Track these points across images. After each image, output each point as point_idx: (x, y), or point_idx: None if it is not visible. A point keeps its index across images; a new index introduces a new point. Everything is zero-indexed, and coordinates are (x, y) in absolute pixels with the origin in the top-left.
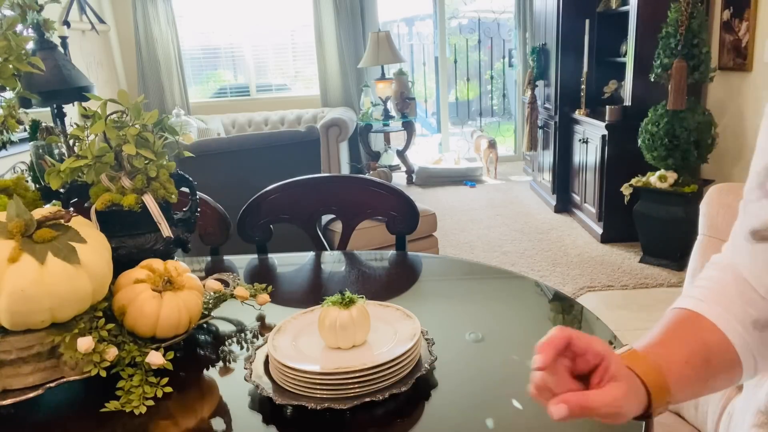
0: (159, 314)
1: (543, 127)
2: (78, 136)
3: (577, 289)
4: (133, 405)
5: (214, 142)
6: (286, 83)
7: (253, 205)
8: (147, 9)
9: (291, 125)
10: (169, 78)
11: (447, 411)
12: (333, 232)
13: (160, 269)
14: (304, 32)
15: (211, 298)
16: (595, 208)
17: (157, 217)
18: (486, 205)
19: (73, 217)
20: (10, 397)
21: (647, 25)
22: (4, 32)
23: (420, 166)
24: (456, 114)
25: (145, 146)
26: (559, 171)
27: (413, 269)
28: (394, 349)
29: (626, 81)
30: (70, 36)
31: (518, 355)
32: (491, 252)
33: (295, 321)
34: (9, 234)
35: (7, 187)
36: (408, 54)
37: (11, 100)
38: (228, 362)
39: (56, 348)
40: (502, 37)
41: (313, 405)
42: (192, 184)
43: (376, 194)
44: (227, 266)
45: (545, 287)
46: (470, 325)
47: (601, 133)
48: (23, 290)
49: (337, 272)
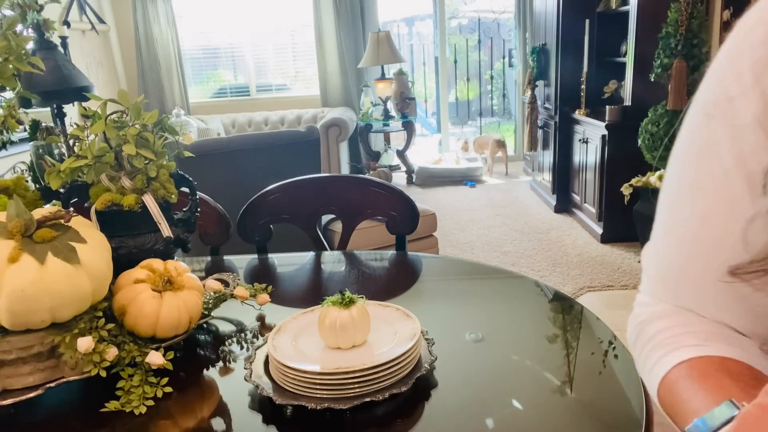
0: (159, 314)
1: (543, 127)
2: (78, 136)
3: (577, 289)
4: (133, 405)
5: (214, 142)
6: (286, 83)
7: (253, 205)
8: (147, 9)
9: (291, 125)
10: (169, 78)
11: (447, 411)
12: (333, 232)
13: (160, 269)
14: (304, 32)
15: (211, 298)
16: (595, 208)
17: (157, 217)
18: (486, 205)
19: (73, 217)
20: (10, 397)
21: (647, 25)
22: (4, 32)
23: (420, 166)
24: (456, 114)
25: (145, 146)
26: (559, 171)
27: (413, 269)
28: (394, 349)
29: (626, 81)
30: (70, 36)
31: (518, 355)
32: (491, 252)
33: (295, 321)
34: (9, 234)
35: (7, 187)
36: (408, 54)
37: (11, 100)
38: (228, 362)
39: (56, 348)
40: (502, 37)
41: (313, 405)
42: (192, 184)
43: (376, 194)
44: (227, 266)
45: (545, 287)
46: (470, 325)
47: (601, 133)
48: (23, 290)
49: (337, 272)
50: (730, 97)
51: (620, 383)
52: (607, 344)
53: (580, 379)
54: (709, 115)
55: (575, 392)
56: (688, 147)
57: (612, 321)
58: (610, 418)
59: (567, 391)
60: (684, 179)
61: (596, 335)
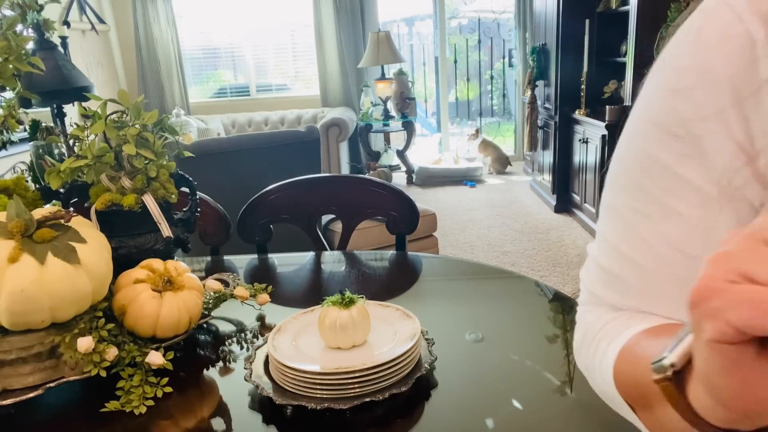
0: (159, 314)
1: (543, 127)
2: (78, 136)
3: (577, 289)
4: (133, 405)
5: (214, 142)
6: (286, 83)
7: (253, 205)
8: (147, 9)
9: (291, 125)
10: (169, 78)
11: (447, 411)
12: (333, 232)
13: (160, 269)
14: (304, 32)
15: (211, 298)
16: (595, 208)
17: (157, 217)
18: (486, 205)
19: (73, 217)
20: (10, 397)
21: (647, 25)
22: (4, 32)
23: (420, 166)
24: (456, 114)
25: (145, 146)
26: (559, 171)
27: (413, 269)
28: (394, 349)
29: (626, 81)
30: (70, 36)
31: (518, 355)
32: (491, 252)
33: (295, 321)
34: (9, 234)
35: (7, 187)
36: (408, 54)
37: (11, 100)
38: (228, 362)
39: (56, 348)
40: (502, 37)
41: (313, 405)
42: (192, 184)
43: (376, 194)
44: (227, 266)
45: (545, 287)
46: (470, 325)
47: (601, 133)
48: (23, 290)
49: (337, 272)
50: (702, 116)
51: None
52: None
53: (580, 379)
54: (673, 135)
55: (575, 392)
56: (645, 162)
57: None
58: (610, 418)
59: (567, 391)
60: (640, 195)
61: None
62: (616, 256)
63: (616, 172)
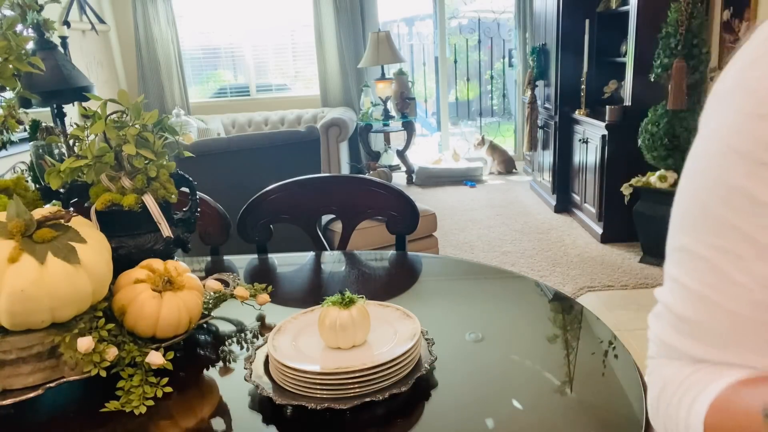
0: (159, 314)
1: (543, 127)
2: (78, 136)
3: (577, 289)
4: (133, 405)
5: (214, 142)
6: (286, 83)
7: (253, 205)
8: (147, 9)
9: (291, 125)
10: (169, 78)
11: (447, 411)
12: (333, 232)
13: (160, 269)
14: (304, 32)
15: (211, 298)
16: (595, 208)
17: (157, 217)
18: (486, 205)
19: (73, 217)
20: (10, 397)
21: (647, 25)
22: (4, 32)
23: (420, 166)
24: (456, 114)
25: (145, 146)
26: (559, 171)
27: (413, 269)
28: (394, 349)
29: (626, 81)
30: (70, 36)
31: (518, 355)
32: (491, 252)
33: (295, 321)
34: (9, 234)
35: (7, 187)
36: (408, 54)
37: (11, 100)
38: (228, 362)
39: (56, 348)
40: (502, 37)
41: (313, 405)
42: (192, 184)
43: (376, 194)
44: (227, 266)
45: (545, 287)
46: (470, 325)
47: (601, 133)
48: (23, 290)
49: (337, 272)
50: None
51: (620, 383)
52: (607, 344)
53: (580, 379)
54: (763, 163)
55: (575, 392)
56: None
57: (612, 321)
58: (610, 418)
59: (567, 391)
60: (726, 233)
61: (596, 335)
62: (701, 304)
63: (687, 210)
